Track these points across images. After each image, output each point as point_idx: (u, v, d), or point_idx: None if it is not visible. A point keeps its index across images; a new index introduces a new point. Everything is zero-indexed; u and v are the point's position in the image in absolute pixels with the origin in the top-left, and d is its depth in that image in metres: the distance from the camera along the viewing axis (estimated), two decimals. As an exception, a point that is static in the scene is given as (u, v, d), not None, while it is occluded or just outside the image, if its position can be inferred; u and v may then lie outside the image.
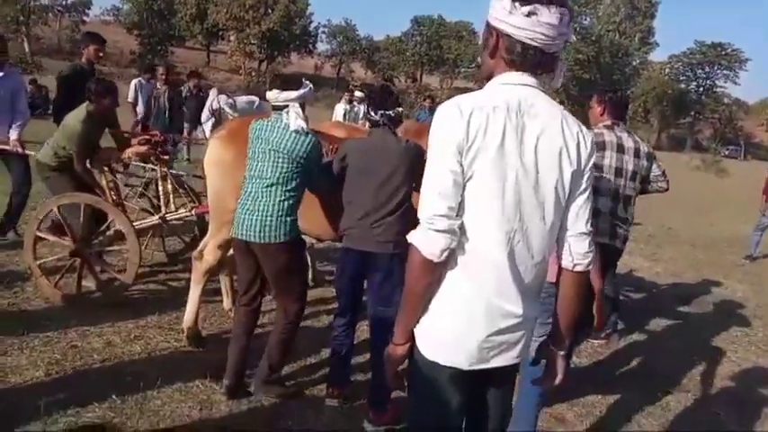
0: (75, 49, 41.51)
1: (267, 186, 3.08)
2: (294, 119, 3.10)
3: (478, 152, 1.56)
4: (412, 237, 1.61)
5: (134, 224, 4.29)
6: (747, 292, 6.81)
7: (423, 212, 1.60)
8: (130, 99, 8.77)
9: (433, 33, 56.81)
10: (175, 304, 4.25)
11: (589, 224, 1.73)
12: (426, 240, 1.58)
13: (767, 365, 4.57)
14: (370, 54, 57.27)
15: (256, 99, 11.60)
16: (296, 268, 3.25)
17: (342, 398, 3.30)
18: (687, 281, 7.02)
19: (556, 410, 3.45)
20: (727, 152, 56.71)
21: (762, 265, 8.43)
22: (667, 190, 3.97)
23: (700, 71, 63.83)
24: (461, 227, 1.59)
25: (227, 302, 4.31)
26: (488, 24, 1.67)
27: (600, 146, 3.57)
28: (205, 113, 10.68)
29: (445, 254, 1.58)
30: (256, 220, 3.06)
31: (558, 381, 1.90)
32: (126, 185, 5.32)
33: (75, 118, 4.36)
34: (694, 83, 64.77)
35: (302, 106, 3.16)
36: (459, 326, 1.66)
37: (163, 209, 4.73)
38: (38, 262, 4.15)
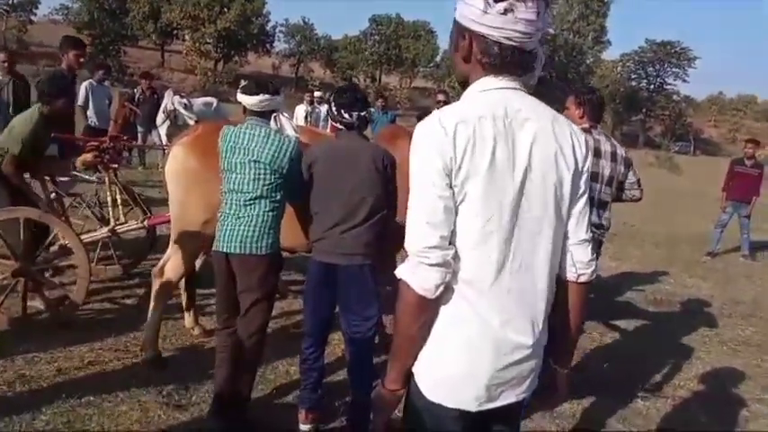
0: (22, 49, 39.98)
1: (249, 200, 2.90)
2: (289, 125, 2.94)
3: (469, 171, 1.41)
4: (401, 272, 1.46)
5: (81, 238, 4.01)
6: (712, 290, 6.88)
7: (411, 245, 1.44)
8: (80, 102, 8.21)
9: (392, 33, 56.77)
10: (132, 323, 3.99)
11: (589, 230, 1.60)
12: (418, 276, 1.42)
13: (740, 365, 4.57)
14: (329, 53, 56.87)
15: (214, 100, 11.28)
16: (271, 283, 3.05)
17: (316, 422, 3.11)
18: (653, 280, 7.05)
19: (539, 425, 3.35)
20: (677, 148, 58.33)
21: (723, 262, 8.57)
22: (640, 199, 3.91)
23: (650, 69, 65.48)
24: (455, 256, 1.44)
25: (188, 320, 4.05)
26: (458, 25, 1.52)
27: None
28: (160, 116, 10.30)
29: (440, 289, 1.43)
30: (238, 231, 2.88)
31: (561, 402, 1.78)
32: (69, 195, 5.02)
33: (26, 119, 4.05)
34: (645, 80, 66.44)
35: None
36: (465, 363, 1.50)
37: (111, 221, 4.46)
38: None
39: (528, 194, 1.46)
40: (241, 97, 2.96)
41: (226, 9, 47.88)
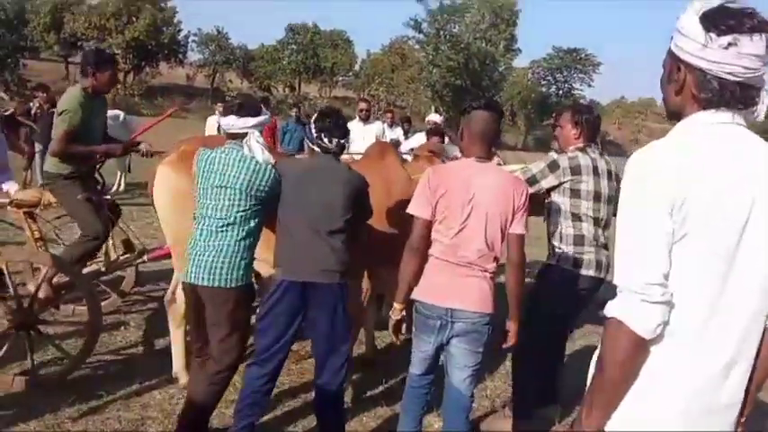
0: None
1: (222, 226, 2.72)
2: (260, 151, 2.77)
3: (690, 210, 1.36)
4: (615, 310, 1.40)
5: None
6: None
7: (628, 280, 1.39)
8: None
9: (309, 42, 56.43)
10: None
11: None
12: (639, 314, 1.37)
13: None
14: (246, 63, 55.78)
15: (121, 113, 10.94)
16: (242, 317, 2.89)
17: None
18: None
19: None
20: (588, 150, 60.90)
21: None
22: None
23: (558, 75, 68.36)
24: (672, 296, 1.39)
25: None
26: (673, 56, 1.48)
27: (576, 170, 3.43)
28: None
29: (659, 329, 1.38)
30: (207, 261, 2.71)
31: None
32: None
33: (70, 96, 3.94)
34: (554, 86, 69.28)
35: (261, 134, 2.86)
36: (663, 404, 1.45)
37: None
38: None
39: (750, 236, 1.41)
40: (220, 119, 2.89)
41: (134, 18, 45.97)
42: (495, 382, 4.52)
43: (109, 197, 4.50)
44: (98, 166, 4.49)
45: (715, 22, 1.38)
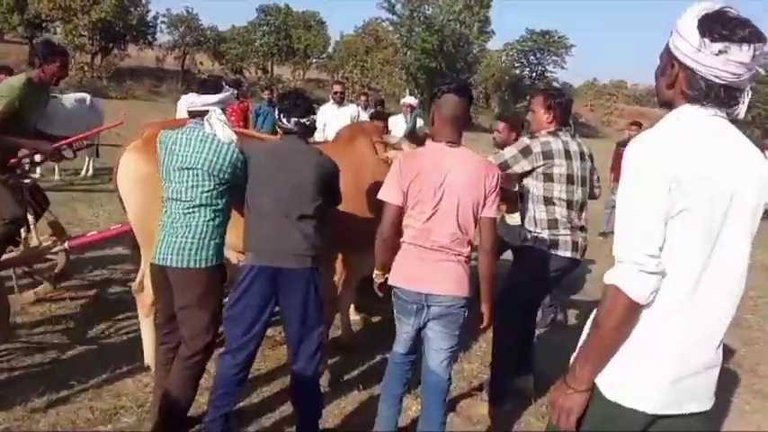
0: None
1: (189, 208, 2.68)
2: (221, 127, 2.70)
3: (689, 187, 1.52)
4: (614, 278, 1.57)
5: None
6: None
7: (629, 252, 1.55)
8: None
9: (281, 23, 55.51)
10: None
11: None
12: (635, 283, 1.54)
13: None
14: (217, 45, 54.69)
15: (87, 96, 10.63)
16: (213, 298, 2.84)
17: None
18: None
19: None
20: (561, 132, 61.35)
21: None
22: (597, 197, 3.89)
23: (532, 58, 68.50)
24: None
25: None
26: (669, 53, 1.63)
27: (548, 155, 3.42)
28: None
29: (652, 296, 1.56)
30: (175, 242, 2.67)
31: None
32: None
33: (11, 84, 3.81)
34: (527, 69, 69.46)
35: (223, 111, 2.79)
36: (653, 367, 1.62)
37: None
38: None
39: (732, 217, 1.58)
40: (182, 98, 2.81)
41: (100, -1, 44.65)
42: (471, 364, 4.54)
43: (29, 181, 4.34)
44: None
45: (710, 28, 1.53)
